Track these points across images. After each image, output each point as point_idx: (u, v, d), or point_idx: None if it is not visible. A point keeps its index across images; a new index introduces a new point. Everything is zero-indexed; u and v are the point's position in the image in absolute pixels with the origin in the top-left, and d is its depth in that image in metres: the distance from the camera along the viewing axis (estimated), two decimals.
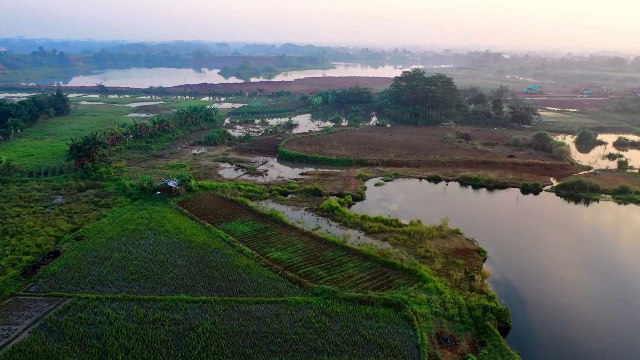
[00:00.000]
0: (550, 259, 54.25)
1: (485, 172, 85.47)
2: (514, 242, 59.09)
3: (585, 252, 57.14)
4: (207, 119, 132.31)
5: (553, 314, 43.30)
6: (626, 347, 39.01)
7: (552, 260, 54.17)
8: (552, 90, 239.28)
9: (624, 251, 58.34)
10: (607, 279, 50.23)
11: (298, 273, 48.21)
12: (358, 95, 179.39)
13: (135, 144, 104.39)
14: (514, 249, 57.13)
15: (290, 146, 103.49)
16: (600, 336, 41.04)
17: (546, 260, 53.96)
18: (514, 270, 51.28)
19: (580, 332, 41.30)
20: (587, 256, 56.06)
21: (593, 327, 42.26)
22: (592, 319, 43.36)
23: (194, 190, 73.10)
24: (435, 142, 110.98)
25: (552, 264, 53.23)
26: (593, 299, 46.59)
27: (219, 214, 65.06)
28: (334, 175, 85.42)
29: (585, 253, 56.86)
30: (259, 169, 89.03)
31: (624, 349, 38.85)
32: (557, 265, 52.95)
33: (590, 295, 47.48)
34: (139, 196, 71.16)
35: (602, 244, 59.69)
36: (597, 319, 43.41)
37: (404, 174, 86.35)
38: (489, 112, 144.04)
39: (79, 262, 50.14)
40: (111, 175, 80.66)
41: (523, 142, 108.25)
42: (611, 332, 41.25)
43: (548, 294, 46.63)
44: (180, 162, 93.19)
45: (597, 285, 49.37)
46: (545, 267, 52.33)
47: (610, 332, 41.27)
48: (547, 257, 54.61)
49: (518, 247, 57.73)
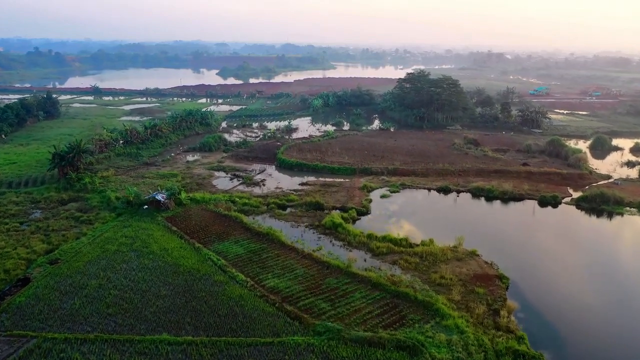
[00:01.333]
0: (582, 287, 48.49)
1: (499, 182, 79.66)
2: (537, 265, 53.19)
3: (622, 278, 51.17)
4: (202, 123, 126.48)
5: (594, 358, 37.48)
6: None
7: (585, 288, 48.39)
8: (559, 91, 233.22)
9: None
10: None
11: (298, 306, 42.37)
12: (360, 97, 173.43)
13: (125, 150, 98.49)
14: (539, 274, 51.25)
15: (290, 153, 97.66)
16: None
17: (578, 288, 48.18)
18: (542, 302, 45.36)
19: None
20: (625, 283, 50.03)
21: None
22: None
23: (184, 204, 67.24)
24: (442, 149, 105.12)
25: (585, 293, 47.42)
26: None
27: (210, 231, 59.21)
28: (336, 185, 79.60)
29: (622, 280, 50.88)
30: (256, 179, 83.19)
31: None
32: (592, 296, 47.10)
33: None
34: (125, 210, 65.34)
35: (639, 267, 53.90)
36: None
37: (412, 184, 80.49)
38: (496, 115, 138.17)
39: (49, 292, 44.29)
40: (96, 187, 74.84)
41: (536, 148, 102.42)
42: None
43: (586, 332, 40.79)
44: (172, 170, 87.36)
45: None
46: (578, 297, 46.51)
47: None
48: (579, 285, 48.85)
49: (543, 271, 51.87)
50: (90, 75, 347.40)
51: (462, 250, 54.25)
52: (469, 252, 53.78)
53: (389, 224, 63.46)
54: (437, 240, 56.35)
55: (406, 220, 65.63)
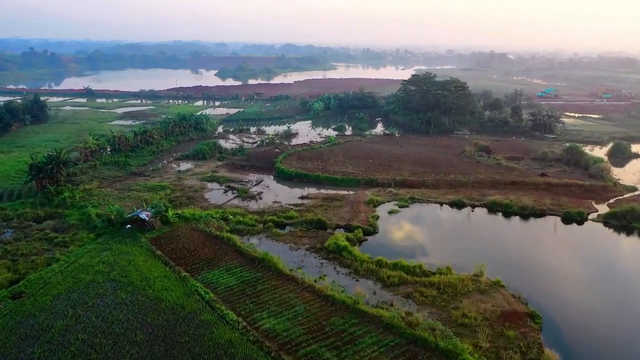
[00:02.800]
0: (635, 327, 41.80)
1: (518, 196, 73.06)
2: (572, 299, 46.60)
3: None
4: (197, 128, 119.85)
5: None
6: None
7: (634, 329, 41.73)
8: (566, 93, 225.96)
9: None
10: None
11: (297, 356, 35.79)
12: (362, 100, 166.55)
13: (113, 159, 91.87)
14: (575, 309, 44.63)
15: (289, 162, 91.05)
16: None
17: (630, 329, 41.50)
18: (586, 349, 38.77)
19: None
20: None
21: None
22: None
23: (171, 222, 60.62)
24: (452, 157, 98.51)
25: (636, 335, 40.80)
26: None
27: (199, 256, 52.64)
28: (339, 199, 73.00)
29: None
30: (252, 191, 76.59)
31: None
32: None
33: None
34: (105, 230, 58.79)
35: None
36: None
37: (422, 198, 73.87)
38: (507, 119, 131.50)
39: (6, 337, 37.78)
40: (76, 202, 68.32)
41: (552, 156, 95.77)
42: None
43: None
44: (162, 182, 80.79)
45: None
46: (633, 341, 39.87)
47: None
48: (630, 324, 42.15)
49: (579, 306, 45.27)
50: (86, 76, 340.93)
51: (485, 280, 47.65)
52: (492, 283, 47.18)
53: (400, 247, 56.88)
54: (455, 267, 49.94)
55: (418, 241, 59.04)
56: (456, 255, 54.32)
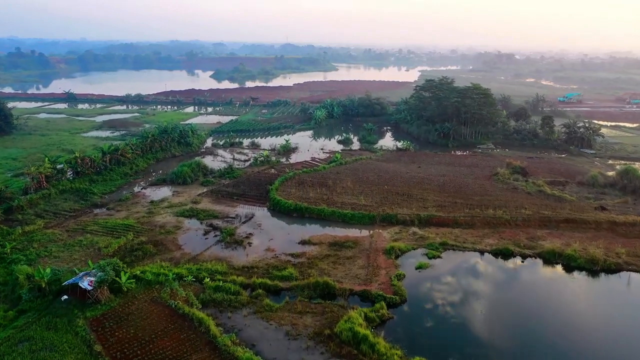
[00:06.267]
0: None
1: (579, 240, 57.06)
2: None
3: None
4: (181, 142, 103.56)
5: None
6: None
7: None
8: (590, 98, 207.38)
9: None
10: None
11: None
12: (369, 107, 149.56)
13: (74, 185, 75.73)
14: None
15: (287, 189, 74.86)
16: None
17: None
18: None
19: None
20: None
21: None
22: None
23: (125, 290, 44.41)
24: (482, 180, 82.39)
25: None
26: None
27: (156, 352, 36.51)
28: (351, 245, 56.88)
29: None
30: (240, 233, 60.39)
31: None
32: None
33: None
34: (32, 304, 42.74)
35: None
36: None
37: (456, 243, 57.68)
38: (535, 131, 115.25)
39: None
40: (6, 254, 52.07)
41: (604, 180, 79.70)
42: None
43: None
44: (127, 218, 64.61)
45: None
46: None
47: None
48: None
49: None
50: (75, 77, 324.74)
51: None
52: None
53: (440, 330, 40.83)
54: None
55: (464, 316, 42.93)
56: (527, 347, 38.31)
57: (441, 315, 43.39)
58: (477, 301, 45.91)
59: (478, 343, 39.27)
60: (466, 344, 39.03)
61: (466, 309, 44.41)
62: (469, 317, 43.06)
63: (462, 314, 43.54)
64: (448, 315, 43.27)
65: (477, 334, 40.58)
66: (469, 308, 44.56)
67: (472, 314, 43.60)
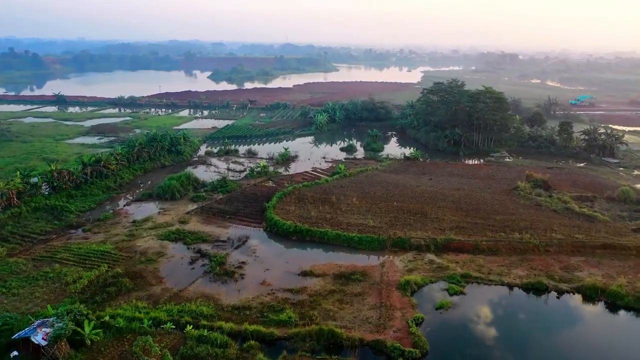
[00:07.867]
0: None
1: (624, 272, 49.54)
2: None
3: None
4: (171, 151, 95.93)
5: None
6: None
7: None
8: (603, 101, 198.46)
9: None
10: None
11: None
12: (373, 111, 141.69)
13: (49, 202, 68.06)
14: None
15: (285, 207, 67.17)
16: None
17: None
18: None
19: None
20: None
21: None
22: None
23: (88, 343, 36.74)
24: (502, 195, 74.79)
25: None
26: None
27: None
28: (359, 277, 49.27)
29: None
30: (231, 262, 52.76)
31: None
32: None
33: None
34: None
35: None
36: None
37: (480, 275, 50.07)
38: (552, 138, 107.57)
39: None
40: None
41: (636, 196, 72.04)
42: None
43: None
44: (104, 243, 56.98)
45: None
46: None
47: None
48: None
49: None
50: (69, 78, 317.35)
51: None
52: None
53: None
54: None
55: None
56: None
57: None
58: (511, 354, 38.27)
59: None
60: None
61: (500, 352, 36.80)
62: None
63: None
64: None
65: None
66: (504, 350, 36.94)
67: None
